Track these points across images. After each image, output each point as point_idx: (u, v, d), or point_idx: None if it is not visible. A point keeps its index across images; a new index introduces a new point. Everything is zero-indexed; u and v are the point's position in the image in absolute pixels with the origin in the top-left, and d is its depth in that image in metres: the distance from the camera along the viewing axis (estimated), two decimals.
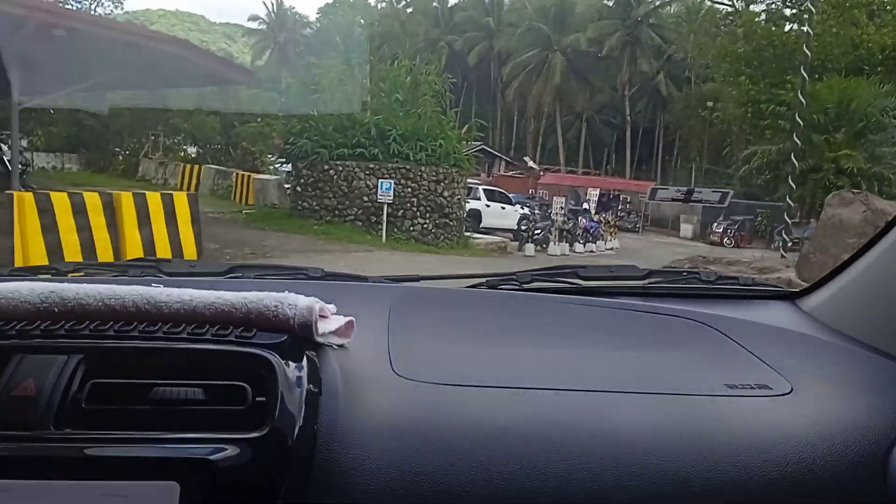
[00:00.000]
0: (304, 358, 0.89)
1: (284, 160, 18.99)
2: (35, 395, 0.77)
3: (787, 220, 18.59)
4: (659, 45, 44.64)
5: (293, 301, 0.92)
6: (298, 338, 0.91)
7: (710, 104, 34.08)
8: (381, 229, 15.26)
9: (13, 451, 0.75)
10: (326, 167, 15.83)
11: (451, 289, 1.54)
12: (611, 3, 47.49)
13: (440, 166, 16.15)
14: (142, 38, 10.28)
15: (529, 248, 17.19)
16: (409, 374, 0.97)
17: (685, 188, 32.08)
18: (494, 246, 17.43)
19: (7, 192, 7.20)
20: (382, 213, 15.29)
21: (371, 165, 15.73)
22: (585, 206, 24.86)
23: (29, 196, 6.84)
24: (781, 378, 1.05)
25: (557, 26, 46.60)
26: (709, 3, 37.87)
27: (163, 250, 8.12)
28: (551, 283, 1.51)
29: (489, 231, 20.10)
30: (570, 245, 19.07)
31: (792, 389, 1.02)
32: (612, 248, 21.38)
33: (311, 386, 0.86)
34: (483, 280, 1.54)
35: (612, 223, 23.33)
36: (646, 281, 1.52)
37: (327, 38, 40.39)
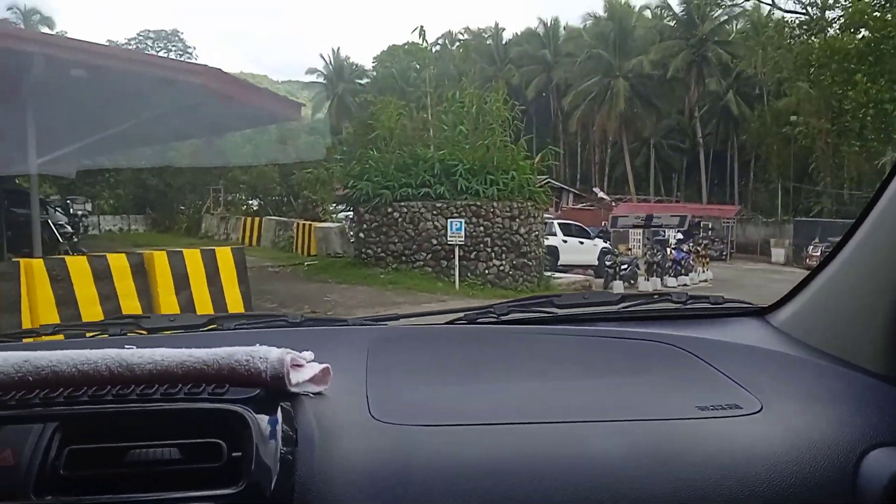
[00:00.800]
0: (279, 409, 0.88)
1: (345, 205, 17.91)
2: (14, 465, 0.78)
3: None
4: (727, 62, 42.33)
5: (264, 354, 0.91)
6: (272, 390, 0.90)
7: (793, 118, 31.58)
8: (454, 274, 13.84)
9: None
10: (390, 210, 14.68)
11: (429, 326, 1.52)
12: (673, 23, 45.53)
13: (514, 201, 14.69)
14: (177, 71, 9.32)
15: (618, 285, 15.48)
16: (386, 417, 0.95)
17: (644, 214, 29.62)
18: (578, 285, 15.79)
19: (13, 260, 6.07)
20: (454, 257, 13.91)
21: (438, 205, 14.48)
22: (678, 234, 22.58)
23: (38, 263, 5.66)
24: (751, 396, 1.03)
25: (618, 51, 44.97)
26: (778, 15, 35.54)
27: None
28: (528, 314, 1.49)
29: (567, 269, 18.46)
30: (661, 279, 17.20)
31: (762, 407, 1.01)
32: (705, 280, 19.29)
33: (286, 437, 0.85)
34: (461, 315, 1.50)
35: (702, 253, 21.18)
36: (619, 305, 1.51)
37: (384, 85, 40.07)
